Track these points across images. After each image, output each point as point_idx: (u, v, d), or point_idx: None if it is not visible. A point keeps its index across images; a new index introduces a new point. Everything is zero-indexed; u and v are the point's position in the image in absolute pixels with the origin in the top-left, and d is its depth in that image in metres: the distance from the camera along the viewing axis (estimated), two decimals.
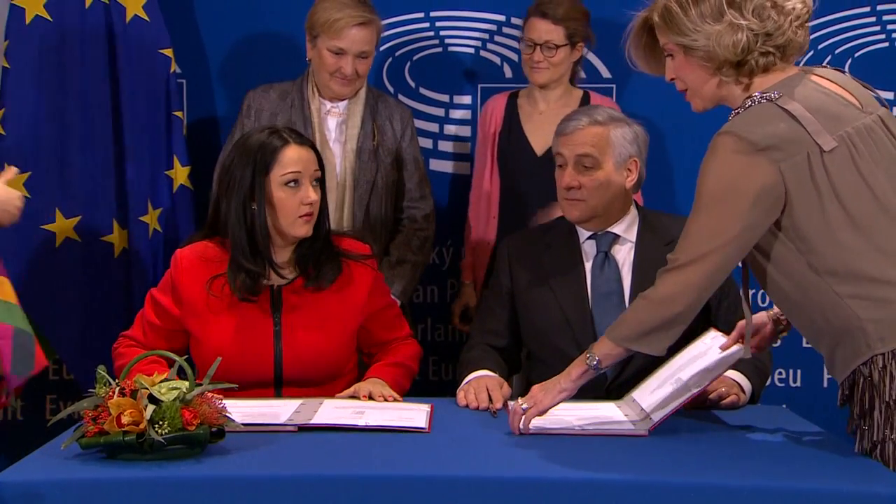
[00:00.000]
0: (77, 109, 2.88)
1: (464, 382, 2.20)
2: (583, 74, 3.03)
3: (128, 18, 2.91)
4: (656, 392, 1.95)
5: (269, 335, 2.16)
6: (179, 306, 2.18)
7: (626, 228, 2.31)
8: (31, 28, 2.83)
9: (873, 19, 3.01)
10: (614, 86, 3.13)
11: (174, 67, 2.97)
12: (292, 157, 2.12)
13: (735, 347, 1.92)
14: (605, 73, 3.15)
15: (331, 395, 2.14)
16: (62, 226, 2.88)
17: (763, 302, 3.01)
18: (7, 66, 2.83)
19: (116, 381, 1.72)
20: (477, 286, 2.98)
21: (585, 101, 2.90)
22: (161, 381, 1.72)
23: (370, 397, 2.08)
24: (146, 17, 2.92)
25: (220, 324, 2.16)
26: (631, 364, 2.16)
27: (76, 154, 2.88)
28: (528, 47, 2.84)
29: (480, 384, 2.14)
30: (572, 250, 2.32)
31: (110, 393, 1.69)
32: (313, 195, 2.13)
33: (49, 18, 2.85)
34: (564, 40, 2.81)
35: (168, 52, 2.96)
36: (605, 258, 2.30)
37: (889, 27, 3.01)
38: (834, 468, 1.68)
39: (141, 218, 2.92)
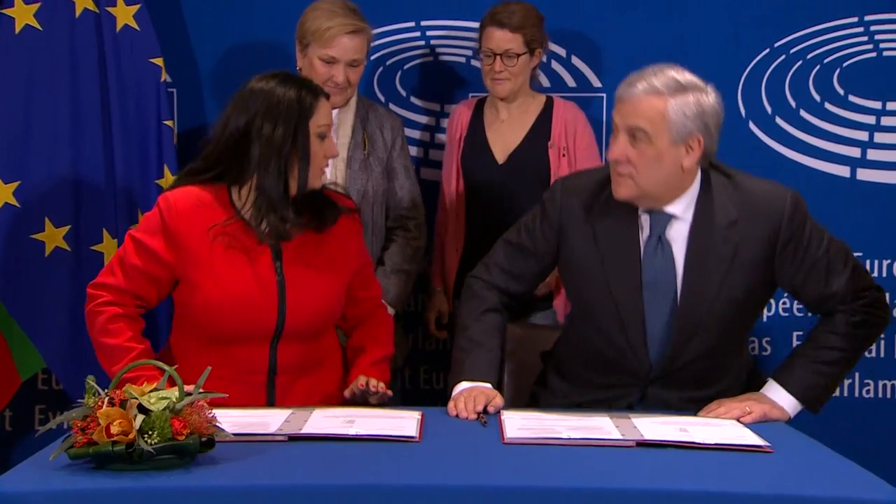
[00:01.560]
0: (67, 118, 2.88)
1: (456, 391, 2.15)
2: (544, 81, 3.04)
3: (118, 28, 2.92)
4: (658, 426, 1.93)
5: (272, 284, 2.12)
6: (175, 252, 2.10)
7: (685, 207, 2.10)
8: (20, 37, 2.84)
9: (861, 29, 3.02)
10: (605, 95, 3.15)
11: (164, 76, 2.98)
12: (326, 110, 2.13)
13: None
14: (596, 83, 3.16)
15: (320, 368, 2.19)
16: (52, 235, 2.89)
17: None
18: None
19: (106, 391, 1.72)
20: (448, 292, 2.97)
21: (548, 106, 2.92)
22: (151, 391, 1.72)
23: (366, 387, 2.12)
24: (136, 27, 2.94)
25: (222, 272, 2.10)
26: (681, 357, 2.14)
27: (66, 163, 2.89)
28: (488, 58, 2.83)
29: (481, 391, 2.11)
30: (629, 224, 2.12)
31: (99, 403, 1.68)
32: (335, 149, 2.17)
33: (39, 28, 2.86)
34: (524, 48, 2.82)
35: (158, 61, 2.97)
36: (660, 243, 2.11)
37: (877, 37, 3.03)
38: (827, 476, 1.69)
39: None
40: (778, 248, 2.10)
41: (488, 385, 2.16)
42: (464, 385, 2.16)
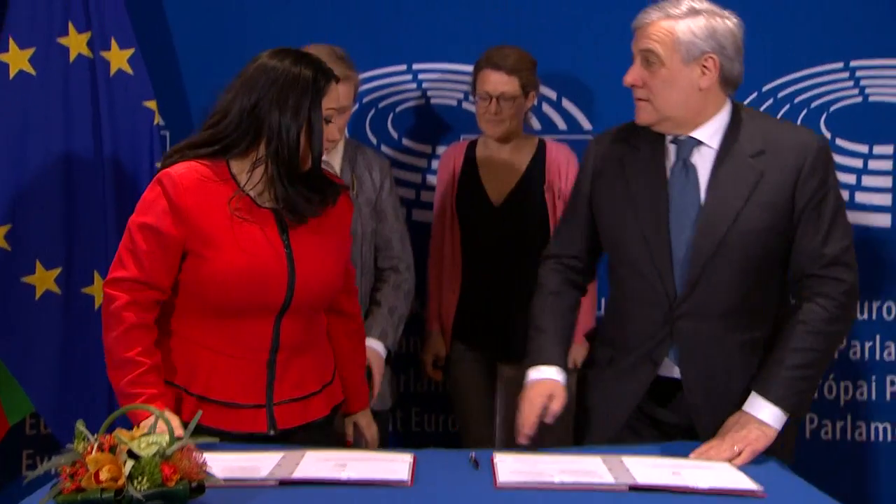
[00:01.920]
0: (60, 162, 2.89)
1: (528, 379, 2.21)
2: (535, 123, 3.08)
3: (112, 72, 2.94)
4: (650, 469, 1.92)
5: (282, 257, 2.11)
6: (182, 226, 2.07)
7: (712, 134, 2.11)
8: (14, 82, 2.86)
9: (847, 74, 3.05)
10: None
11: (158, 120, 3.00)
12: (335, 94, 2.14)
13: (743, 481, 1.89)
14: (587, 125, 3.19)
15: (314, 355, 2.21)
16: (42, 277, 2.88)
17: None
18: None
19: (95, 435, 1.71)
20: (445, 334, 2.98)
21: (541, 149, 2.95)
22: (141, 436, 1.71)
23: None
24: (130, 71, 2.96)
25: (231, 245, 2.08)
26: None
27: (58, 206, 2.90)
28: (484, 100, 2.86)
29: (540, 393, 2.16)
30: (655, 151, 2.15)
31: (88, 448, 1.67)
32: (336, 134, 2.22)
33: (33, 73, 2.88)
34: (519, 91, 2.86)
35: (152, 104, 2.99)
36: (685, 167, 2.12)
37: (862, 83, 3.05)
38: None
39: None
40: (802, 176, 2.08)
41: (554, 368, 2.21)
42: (531, 376, 2.21)
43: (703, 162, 2.12)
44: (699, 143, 2.12)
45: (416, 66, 3.19)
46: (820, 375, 2.13)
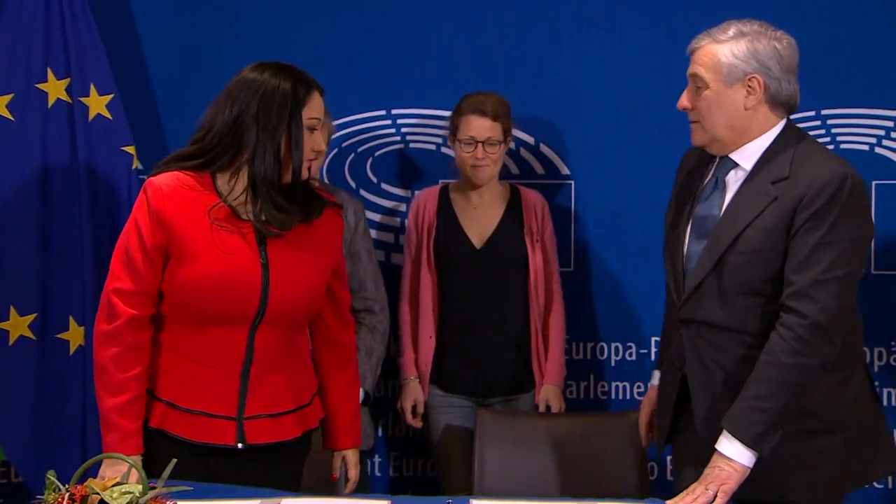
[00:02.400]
0: (37, 208, 2.89)
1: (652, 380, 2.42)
2: (513, 168, 3.12)
3: (90, 117, 2.95)
4: None
5: (256, 266, 2.12)
6: (166, 232, 2.11)
7: (749, 156, 2.15)
8: None
9: (818, 123, 3.13)
10: (573, 182, 3.20)
11: (136, 164, 2.99)
12: (318, 103, 2.16)
13: None
14: (565, 170, 3.22)
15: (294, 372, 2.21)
16: (16, 323, 2.86)
17: None
18: None
19: (66, 486, 1.68)
20: (423, 381, 2.95)
21: (515, 196, 2.98)
22: (113, 485, 1.69)
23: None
24: (109, 116, 2.97)
25: (207, 252, 2.10)
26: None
27: (34, 251, 2.88)
28: (468, 145, 2.87)
29: (649, 398, 2.41)
30: (702, 168, 2.25)
31: (59, 499, 1.66)
32: (322, 143, 2.22)
33: (10, 118, 2.88)
34: (502, 136, 2.89)
35: (130, 149, 2.99)
36: (716, 185, 2.18)
37: (834, 132, 3.13)
38: None
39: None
40: (802, 204, 2.06)
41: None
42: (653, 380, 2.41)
43: (734, 182, 2.16)
44: (735, 163, 2.16)
45: (395, 112, 3.21)
46: (787, 410, 2.01)
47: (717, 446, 2.02)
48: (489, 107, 2.86)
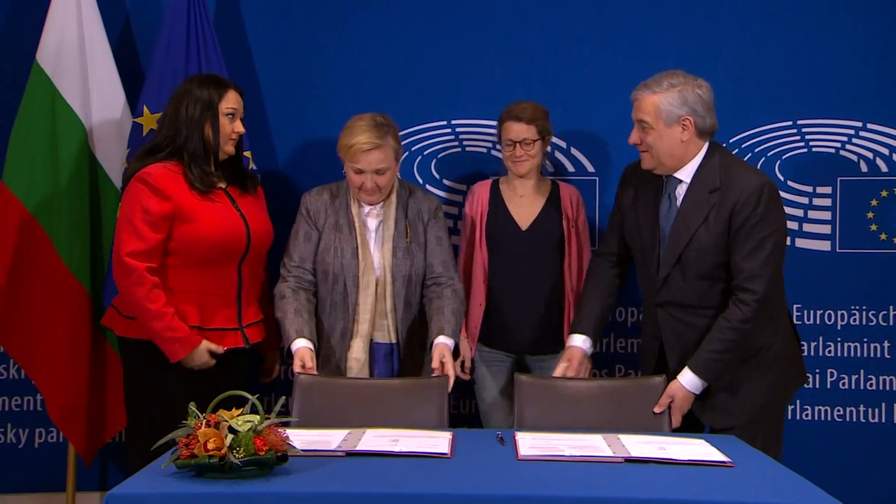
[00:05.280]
0: None
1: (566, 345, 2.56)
2: (549, 167, 3.08)
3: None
4: (641, 445, 1.95)
5: (239, 218, 2.51)
6: (170, 201, 2.42)
7: (688, 174, 2.37)
8: (147, 139, 2.78)
9: (794, 131, 3.09)
10: (597, 178, 3.18)
11: (251, 165, 2.98)
12: (233, 97, 2.51)
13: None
14: (590, 168, 3.20)
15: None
16: None
17: None
18: None
19: (203, 414, 1.75)
20: (472, 340, 2.89)
21: (555, 189, 2.94)
22: (238, 416, 1.76)
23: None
24: None
25: (206, 212, 2.45)
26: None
27: None
28: (509, 146, 2.86)
29: (564, 357, 2.52)
30: (656, 187, 2.43)
31: (199, 424, 1.73)
32: (241, 128, 2.54)
33: None
34: (537, 136, 2.85)
35: (246, 153, 2.97)
36: (669, 198, 2.40)
37: (808, 138, 3.09)
38: (777, 486, 1.72)
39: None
40: (737, 208, 2.28)
41: (581, 337, 2.54)
42: (567, 343, 2.57)
43: (680, 194, 2.38)
44: (679, 180, 2.37)
45: (454, 122, 3.22)
46: (733, 359, 2.32)
47: (679, 378, 2.31)
48: (524, 113, 2.83)
